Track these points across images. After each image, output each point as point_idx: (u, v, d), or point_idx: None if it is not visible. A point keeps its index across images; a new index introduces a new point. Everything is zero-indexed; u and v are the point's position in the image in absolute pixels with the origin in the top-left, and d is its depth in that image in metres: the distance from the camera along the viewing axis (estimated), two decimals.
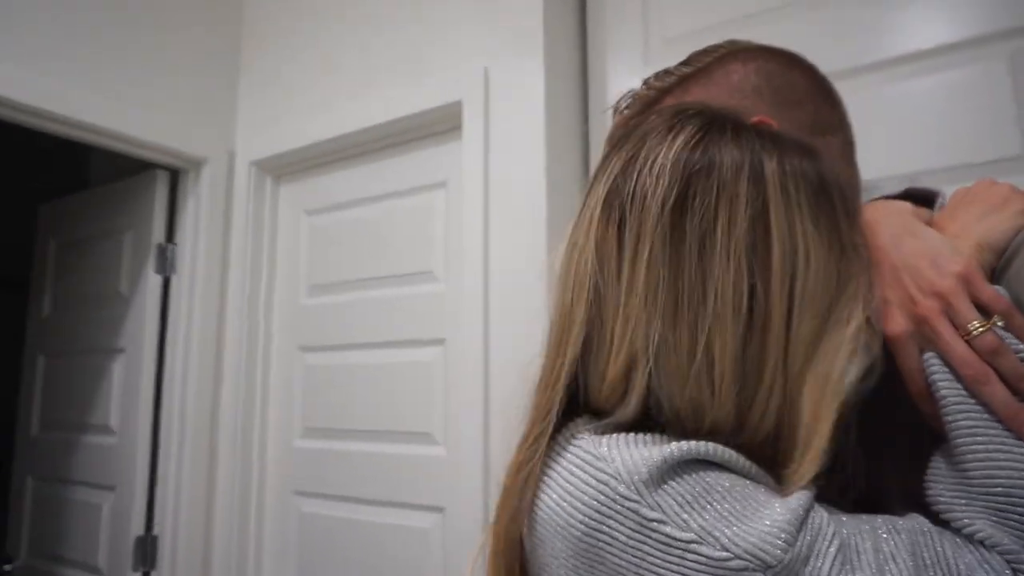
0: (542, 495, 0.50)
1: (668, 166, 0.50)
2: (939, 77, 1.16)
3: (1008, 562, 0.45)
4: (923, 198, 0.63)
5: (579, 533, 0.47)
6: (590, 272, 0.51)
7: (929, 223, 0.58)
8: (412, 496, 1.60)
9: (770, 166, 0.49)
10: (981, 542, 0.46)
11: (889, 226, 0.57)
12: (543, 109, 1.44)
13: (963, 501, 0.48)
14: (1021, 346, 0.49)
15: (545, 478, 0.51)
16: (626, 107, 0.77)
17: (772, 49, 0.71)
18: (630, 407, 0.50)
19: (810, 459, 0.48)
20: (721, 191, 0.48)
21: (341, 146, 1.80)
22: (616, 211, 0.51)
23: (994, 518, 0.46)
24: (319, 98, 1.84)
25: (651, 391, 0.50)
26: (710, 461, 0.48)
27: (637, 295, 0.49)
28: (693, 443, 0.47)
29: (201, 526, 1.83)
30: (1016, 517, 0.45)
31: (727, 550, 0.43)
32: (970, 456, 0.48)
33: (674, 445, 0.47)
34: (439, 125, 1.63)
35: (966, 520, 0.47)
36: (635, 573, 0.45)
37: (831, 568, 0.43)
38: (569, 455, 0.50)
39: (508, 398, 1.41)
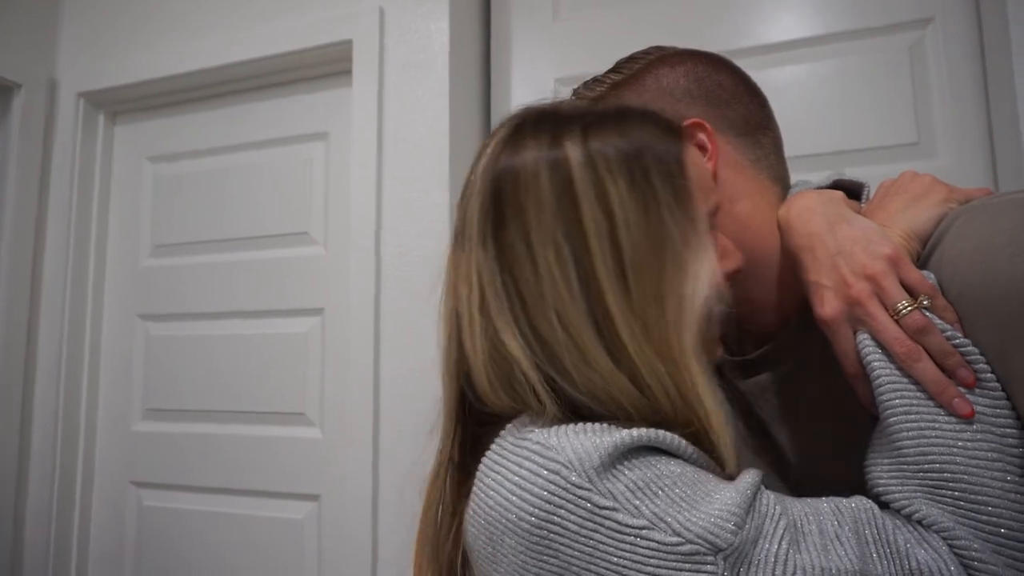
0: (490, 492, 0.49)
1: (479, 178, 0.53)
2: (843, 61, 1.20)
3: (944, 539, 0.46)
4: (850, 190, 0.66)
5: (529, 526, 0.46)
6: (448, 289, 0.55)
7: (859, 213, 0.61)
8: (282, 484, 1.43)
9: (572, 148, 0.50)
10: (919, 522, 0.47)
11: (823, 213, 0.59)
12: (447, 61, 1.32)
13: (898, 482, 0.49)
14: (946, 325, 0.50)
15: (492, 474, 0.49)
16: None
17: (697, 52, 0.73)
18: (544, 402, 0.50)
19: (716, 431, 0.49)
20: (527, 187, 0.50)
21: (198, 83, 1.54)
22: (456, 227, 0.55)
23: (929, 496, 0.47)
24: (174, 22, 1.57)
25: (549, 382, 0.50)
26: (659, 448, 0.48)
27: (481, 301, 0.51)
28: (643, 430, 0.47)
29: (7, 531, 1.52)
30: (949, 493, 0.47)
31: (678, 535, 0.44)
32: (904, 434, 0.49)
33: (624, 432, 0.47)
34: (323, 68, 1.45)
35: (904, 501, 0.48)
36: (587, 563, 0.45)
37: (779, 548, 0.44)
38: (518, 448, 0.49)
39: (403, 374, 1.29)
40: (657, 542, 0.44)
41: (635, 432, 0.47)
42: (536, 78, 1.41)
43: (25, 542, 1.54)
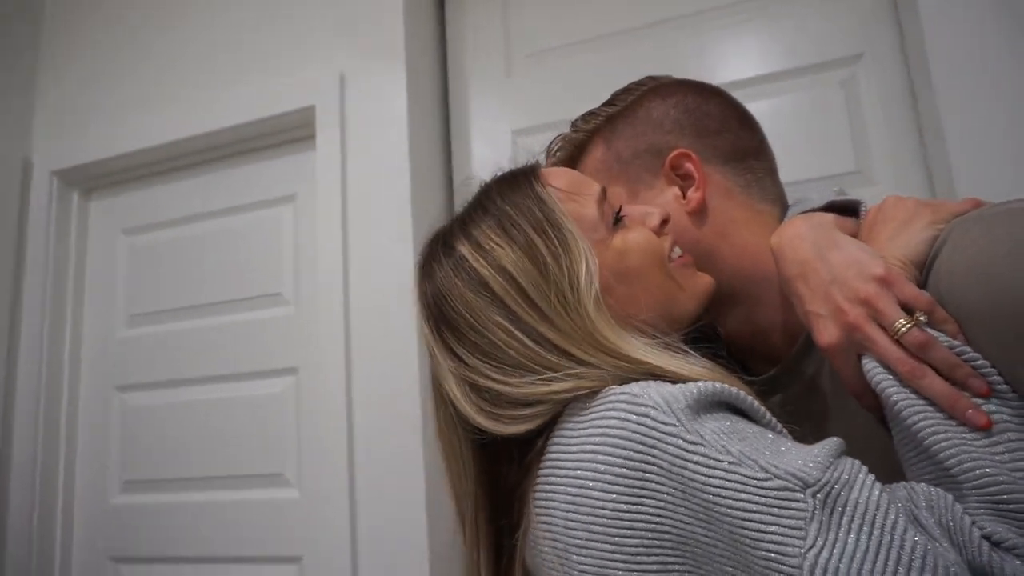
0: (573, 454, 0.50)
1: (419, 311, 0.64)
2: (781, 99, 1.25)
3: (1016, 556, 0.44)
4: (847, 208, 0.66)
5: (626, 470, 0.47)
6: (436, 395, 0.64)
7: (855, 233, 0.61)
8: (262, 548, 1.42)
9: (461, 245, 0.61)
10: (987, 537, 0.45)
11: (813, 240, 0.59)
12: (406, 120, 1.37)
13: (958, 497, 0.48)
14: (950, 339, 0.50)
15: (574, 437, 0.50)
16: (558, 150, 0.79)
17: (689, 82, 0.75)
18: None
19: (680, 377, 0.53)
20: (453, 298, 0.59)
21: (168, 155, 1.59)
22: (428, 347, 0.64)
23: (994, 513, 0.46)
24: (142, 99, 1.62)
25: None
26: (738, 408, 0.50)
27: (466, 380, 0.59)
28: (723, 384, 0.49)
29: None
30: (1016, 510, 0.45)
31: (766, 471, 0.44)
32: (943, 455, 0.48)
33: (707, 382, 0.49)
34: (288, 133, 1.49)
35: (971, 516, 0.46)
36: (681, 499, 0.45)
37: (879, 499, 0.43)
38: (599, 406, 0.50)
39: (378, 429, 1.30)
40: (746, 476, 0.44)
41: (718, 384, 0.49)
42: (494, 132, 1.46)
43: None
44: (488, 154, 1.45)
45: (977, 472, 0.46)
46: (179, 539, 1.49)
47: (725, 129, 0.71)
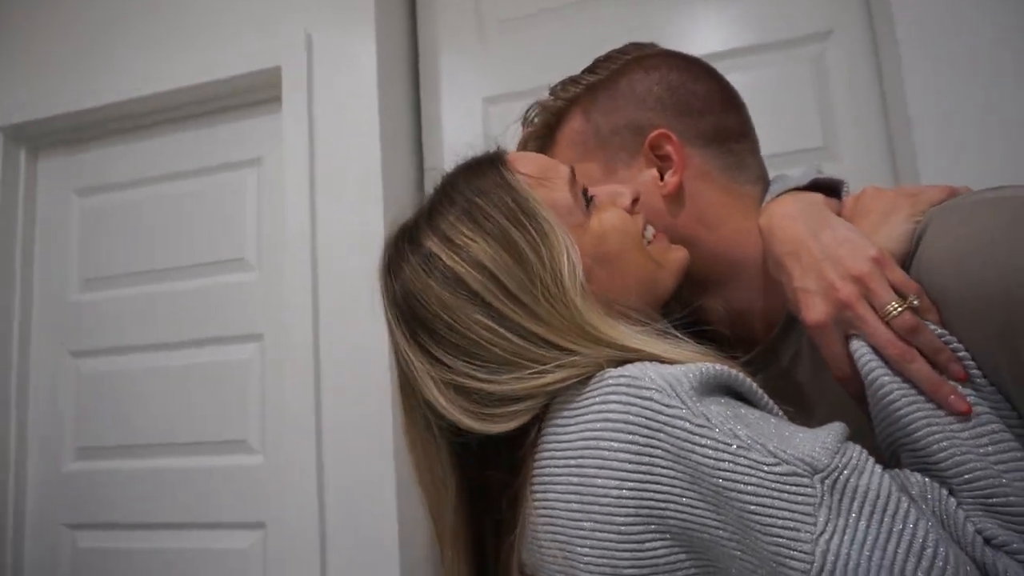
0: (574, 440, 0.48)
1: (389, 314, 0.59)
2: (750, 74, 1.26)
3: (1006, 552, 0.44)
4: (830, 188, 0.66)
5: (631, 455, 0.45)
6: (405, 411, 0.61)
7: (838, 213, 0.61)
8: (224, 513, 1.41)
9: (428, 239, 0.57)
10: (979, 532, 0.44)
11: (805, 220, 0.59)
12: (376, 83, 1.34)
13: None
14: (935, 325, 0.50)
15: (574, 423, 0.49)
16: (535, 116, 0.76)
17: (675, 56, 0.73)
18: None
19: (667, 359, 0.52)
20: (427, 297, 0.55)
21: (125, 113, 1.53)
22: (397, 358, 0.60)
23: (984, 510, 0.45)
24: (97, 54, 1.55)
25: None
26: (737, 392, 0.49)
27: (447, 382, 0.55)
28: (726, 368, 0.48)
29: None
30: (1004, 508, 0.45)
31: (774, 456, 0.43)
32: (935, 447, 0.48)
33: (708, 364, 0.48)
34: (254, 94, 1.45)
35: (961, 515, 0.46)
36: (689, 484, 0.44)
37: (890, 487, 0.43)
38: (596, 391, 0.48)
39: (345, 394, 1.29)
40: (754, 461, 0.43)
41: (719, 365, 0.48)
42: (465, 98, 1.44)
43: None
44: (459, 121, 1.44)
45: (968, 467, 0.46)
46: (139, 506, 1.46)
47: (708, 110, 0.69)
